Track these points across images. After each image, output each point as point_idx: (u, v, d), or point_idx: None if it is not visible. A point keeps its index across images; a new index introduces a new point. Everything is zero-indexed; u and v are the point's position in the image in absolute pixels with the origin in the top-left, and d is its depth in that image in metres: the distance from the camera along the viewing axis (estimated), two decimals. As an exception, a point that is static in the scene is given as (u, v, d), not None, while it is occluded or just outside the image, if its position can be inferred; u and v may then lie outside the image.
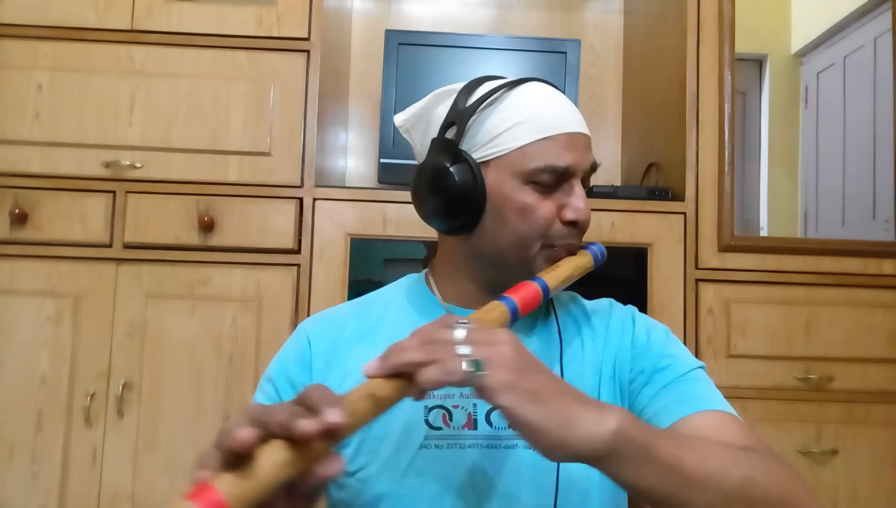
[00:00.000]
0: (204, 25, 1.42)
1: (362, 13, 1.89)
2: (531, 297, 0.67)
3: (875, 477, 1.39)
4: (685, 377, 0.71)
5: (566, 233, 0.73)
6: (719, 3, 1.47)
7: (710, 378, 0.73)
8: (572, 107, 0.76)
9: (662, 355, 0.73)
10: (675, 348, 0.76)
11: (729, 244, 1.42)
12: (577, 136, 0.73)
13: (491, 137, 0.73)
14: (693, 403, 0.68)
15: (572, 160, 0.72)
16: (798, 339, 1.41)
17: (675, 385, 0.70)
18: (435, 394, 0.73)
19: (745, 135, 1.74)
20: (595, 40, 1.91)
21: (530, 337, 0.77)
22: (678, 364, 0.72)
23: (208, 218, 1.37)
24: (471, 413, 0.72)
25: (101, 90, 1.41)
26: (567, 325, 0.79)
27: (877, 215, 1.62)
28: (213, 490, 0.42)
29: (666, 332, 0.78)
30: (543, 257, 0.73)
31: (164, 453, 1.35)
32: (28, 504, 1.33)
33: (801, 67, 1.81)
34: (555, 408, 0.50)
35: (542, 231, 0.72)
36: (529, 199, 0.72)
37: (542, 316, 0.79)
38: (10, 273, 1.37)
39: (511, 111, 0.73)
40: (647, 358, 0.74)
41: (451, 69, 1.62)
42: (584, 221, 0.73)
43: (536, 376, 0.52)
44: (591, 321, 0.79)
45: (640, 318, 0.79)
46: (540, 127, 0.72)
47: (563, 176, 0.72)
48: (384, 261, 1.42)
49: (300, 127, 1.42)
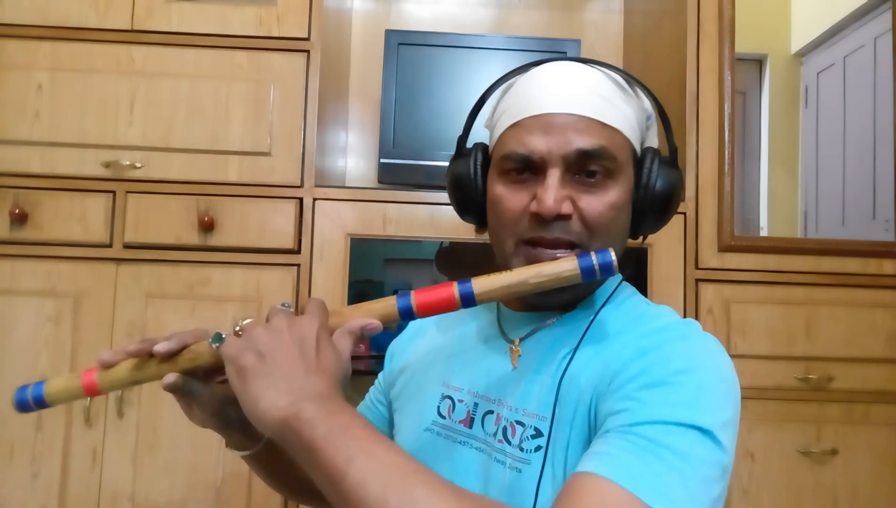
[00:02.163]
0: (204, 25, 1.42)
1: (362, 13, 1.89)
2: (437, 301, 0.62)
3: (875, 477, 1.39)
4: (630, 430, 0.54)
5: (536, 227, 0.66)
6: (719, 3, 1.47)
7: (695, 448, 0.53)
8: (567, 86, 0.67)
9: (628, 396, 0.57)
10: (655, 392, 0.56)
11: (729, 244, 1.42)
12: (553, 117, 0.65)
13: (493, 128, 0.74)
14: (600, 461, 0.52)
15: (536, 146, 0.65)
16: (798, 339, 1.41)
17: (611, 435, 0.55)
18: (449, 384, 0.76)
19: (745, 135, 1.74)
20: (595, 40, 1.91)
21: (562, 322, 0.71)
22: (635, 411, 0.55)
23: (208, 218, 1.37)
24: (469, 411, 0.73)
25: (101, 90, 1.41)
26: (603, 327, 0.69)
27: (877, 215, 1.62)
28: (94, 372, 0.64)
29: (672, 372, 0.57)
30: (521, 257, 0.67)
31: (164, 453, 1.35)
32: (28, 504, 1.33)
33: (801, 67, 1.81)
34: (250, 385, 0.54)
35: (511, 226, 0.67)
36: (499, 191, 0.68)
37: (589, 306, 0.72)
38: (10, 273, 1.37)
39: (506, 101, 0.71)
40: (613, 397, 0.59)
41: (451, 69, 1.62)
42: (545, 212, 0.64)
43: (256, 357, 0.55)
44: (622, 337, 0.66)
45: (655, 352, 0.60)
46: (513, 113, 0.68)
47: (533, 164, 0.66)
48: (384, 261, 1.42)
49: (300, 127, 1.42)
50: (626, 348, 0.63)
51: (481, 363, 0.75)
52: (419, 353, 0.84)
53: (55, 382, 0.66)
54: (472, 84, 1.61)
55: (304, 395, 0.53)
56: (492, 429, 0.69)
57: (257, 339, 0.56)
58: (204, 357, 0.64)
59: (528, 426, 0.66)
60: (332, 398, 0.54)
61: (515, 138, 0.67)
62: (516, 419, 0.67)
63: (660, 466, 0.51)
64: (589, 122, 0.66)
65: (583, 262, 0.61)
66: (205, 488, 1.35)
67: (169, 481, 1.35)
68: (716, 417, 0.55)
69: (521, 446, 0.65)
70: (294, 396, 0.53)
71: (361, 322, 0.61)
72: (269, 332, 0.57)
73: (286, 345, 0.56)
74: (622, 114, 0.68)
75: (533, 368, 0.70)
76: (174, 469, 1.35)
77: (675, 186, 0.70)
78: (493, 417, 0.70)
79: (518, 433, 0.66)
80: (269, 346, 0.56)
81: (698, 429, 0.54)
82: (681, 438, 0.53)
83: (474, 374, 0.75)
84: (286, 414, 0.51)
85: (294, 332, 0.57)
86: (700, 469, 0.52)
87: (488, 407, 0.71)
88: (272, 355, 0.55)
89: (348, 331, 0.60)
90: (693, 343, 0.62)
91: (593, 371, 0.64)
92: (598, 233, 0.66)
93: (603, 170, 0.66)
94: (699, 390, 0.57)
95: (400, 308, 0.62)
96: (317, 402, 0.52)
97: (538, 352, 0.71)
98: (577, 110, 0.66)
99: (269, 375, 0.54)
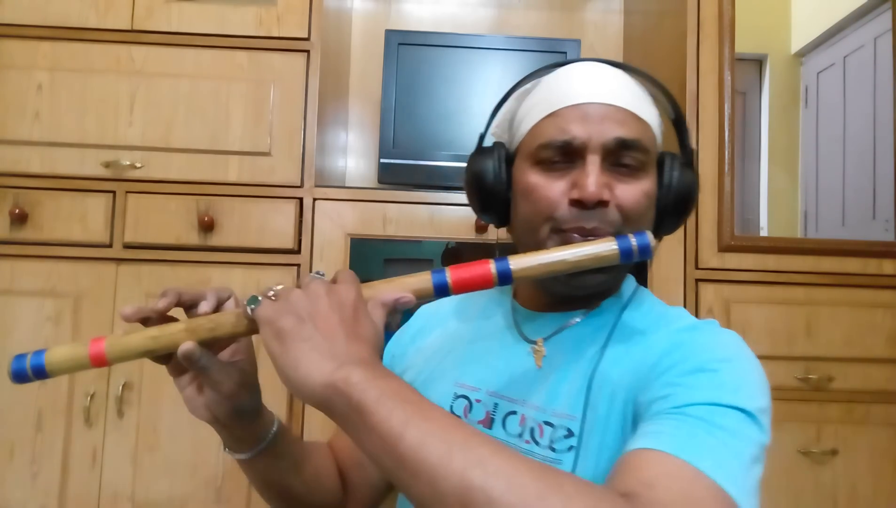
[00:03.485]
0: (204, 25, 1.42)
1: (362, 13, 1.89)
2: (472, 277, 0.60)
3: (875, 477, 1.39)
4: (679, 410, 0.55)
5: (575, 215, 0.66)
6: (719, 4, 1.46)
7: (743, 427, 0.54)
8: (601, 78, 0.69)
9: (671, 383, 0.59)
10: (700, 377, 0.58)
11: (729, 244, 1.42)
12: (591, 106, 0.67)
13: (517, 126, 0.74)
14: (653, 438, 0.52)
15: (576, 133, 0.66)
16: (798, 339, 1.41)
17: (660, 417, 0.55)
18: (464, 383, 0.75)
19: (745, 135, 1.74)
20: (595, 40, 1.91)
21: (587, 321, 0.72)
22: (682, 394, 0.56)
23: (208, 218, 1.37)
24: (489, 412, 0.72)
25: (101, 90, 1.41)
26: (629, 326, 0.70)
27: (877, 215, 1.62)
28: (102, 340, 0.59)
29: (714, 360, 0.60)
30: (554, 243, 0.67)
31: (164, 453, 1.35)
32: (28, 504, 1.33)
33: (801, 67, 1.81)
34: (290, 348, 0.52)
35: (547, 213, 0.68)
36: (534, 179, 0.69)
37: (612, 305, 0.73)
38: (10, 273, 1.37)
39: (535, 97, 0.72)
40: (655, 385, 0.60)
41: (451, 69, 1.62)
42: (587, 198, 0.64)
43: (297, 320, 0.53)
44: (649, 336, 0.68)
45: (691, 344, 0.63)
46: (549, 104, 0.69)
47: (571, 152, 0.67)
48: (384, 261, 1.42)
49: (300, 127, 1.42)
50: (659, 343, 0.65)
51: (500, 363, 0.75)
52: (424, 353, 0.84)
53: (58, 350, 0.60)
54: (472, 84, 1.61)
55: (349, 359, 0.50)
56: (516, 430, 0.69)
57: (296, 302, 0.54)
58: (225, 327, 0.60)
59: (558, 426, 0.66)
60: (376, 364, 0.52)
61: (553, 127, 0.67)
62: (545, 420, 0.67)
63: (714, 441, 0.52)
64: (626, 113, 0.68)
65: (621, 243, 0.61)
66: (205, 488, 1.35)
67: (169, 481, 1.35)
68: (757, 402, 0.57)
69: (553, 446, 0.65)
70: (338, 360, 0.50)
71: (395, 294, 0.59)
72: (309, 296, 0.54)
73: (326, 310, 0.53)
74: (649, 111, 0.71)
75: (560, 367, 0.70)
76: (174, 469, 1.35)
77: (695, 188, 0.73)
78: (517, 418, 0.69)
79: (547, 434, 0.66)
80: (310, 310, 0.53)
81: (742, 411, 0.55)
82: (729, 418, 0.54)
83: (492, 374, 0.74)
84: (333, 378, 0.49)
85: (332, 298, 0.54)
86: (749, 447, 0.54)
87: (510, 408, 0.70)
88: (313, 318, 0.53)
89: (381, 302, 0.58)
90: (726, 337, 0.65)
91: (626, 369, 0.65)
92: (632, 221, 0.67)
93: (636, 162, 0.68)
94: (740, 376, 0.59)
95: (435, 284, 0.59)
96: (362, 367, 0.50)
97: (564, 351, 0.71)
98: (615, 101, 0.67)
99: (309, 338, 0.52)
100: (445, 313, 0.88)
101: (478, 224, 1.39)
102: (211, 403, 0.64)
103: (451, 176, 1.54)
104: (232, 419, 0.66)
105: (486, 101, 1.59)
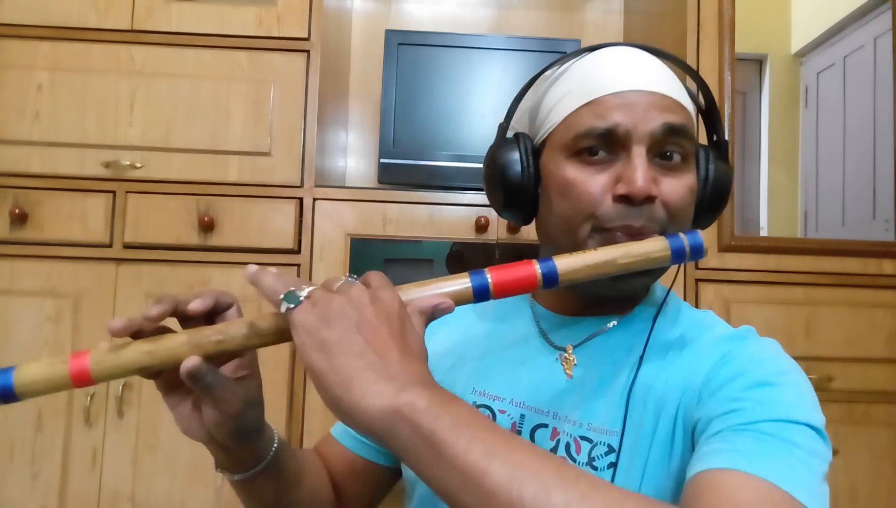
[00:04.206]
0: (204, 25, 1.42)
1: (362, 13, 1.89)
2: (515, 280, 0.54)
3: (875, 477, 1.39)
4: (750, 427, 0.51)
5: (621, 212, 0.60)
6: (719, 3, 1.46)
7: (815, 444, 0.52)
8: (640, 64, 0.63)
9: (734, 398, 0.55)
10: (764, 392, 0.54)
11: (729, 244, 1.42)
12: (633, 94, 0.61)
13: (545, 116, 0.67)
14: (731, 457, 0.48)
15: (619, 120, 0.60)
16: (798, 339, 1.41)
17: (730, 433, 0.52)
18: (484, 391, 0.69)
19: (745, 135, 1.74)
20: (595, 40, 1.90)
21: (621, 326, 0.67)
22: (750, 410, 0.53)
23: (208, 218, 1.37)
24: (515, 423, 0.66)
25: (101, 90, 1.41)
26: (664, 334, 0.66)
27: (877, 215, 1.62)
28: (86, 356, 0.50)
29: (773, 373, 0.57)
30: (596, 243, 0.61)
31: (164, 453, 1.35)
32: (28, 504, 1.33)
33: (801, 66, 1.81)
34: (340, 364, 0.45)
35: (588, 210, 0.61)
36: (572, 173, 0.62)
37: (645, 310, 0.68)
38: (10, 273, 1.37)
39: (564, 85, 0.65)
40: (714, 400, 0.56)
41: (451, 69, 1.62)
42: (636, 193, 0.58)
43: (344, 332, 0.46)
44: (687, 344, 0.64)
45: (745, 356, 0.59)
46: (585, 91, 0.62)
47: (614, 142, 0.61)
48: (384, 261, 1.42)
49: (300, 127, 1.42)
50: (706, 354, 0.61)
51: (524, 371, 0.69)
52: (434, 356, 0.75)
53: (31, 368, 0.50)
54: (472, 84, 1.61)
55: (409, 380, 0.44)
56: (547, 444, 0.64)
57: (341, 310, 0.46)
58: (235, 340, 0.51)
59: (598, 442, 0.61)
60: (437, 384, 0.46)
61: (594, 114, 0.61)
62: (581, 435, 0.62)
63: (792, 460, 0.49)
64: (671, 101, 0.62)
65: (673, 243, 0.57)
66: (205, 488, 1.35)
67: (169, 481, 1.35)
68: (820, 416, 0.55)
69: (593, 464, 0.61)
70: (398, 381, 0.44)
71: (434, 301, 0.52)
72: (353, 304, 0.47)
73: (374, 321, 0.46)
74: (689, 102, 0.66)
75: (594, 378, 0.65)
76: (174, 469, 1.35)
77: (729, 181, 0.68)
78: (548, 431, 0.65)
79: (585, 450, 0.62)
80: (357, 320, 0.46)
81: (811, 427, 0.53)
82: (801, 434, 0.52)
83: (516, 382, 0.69)
84: (396, 403, 0.43)
85: (378, 307, 0.47)
86: (821, 464, 0.52)
87: (540, 420, 0.66)
88: (362, 331, 0.46)
89: (418, 310, 0.51)
90: (773, 347, 0.62)
91: (671, 381, 0.61)
92: (677, 219, 0.62)
93: (681, 151, 0.62)
94: (801, 390, 0.56)
95: (475, 287, 0.53)
96: (427, 389, 0.44)
97: (597, 361, 0.66)
98: (659, 89, 0.62)
99: (361, 355, 0.45)
100: (454, 312, 0.82)
101: (478, 224, 1.39)
102: (210, 423, 0.56)
103: (452, 176, 1.54)
104: (232, 440, 0.58)
105: (486, 101, 1.59)
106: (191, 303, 0.53)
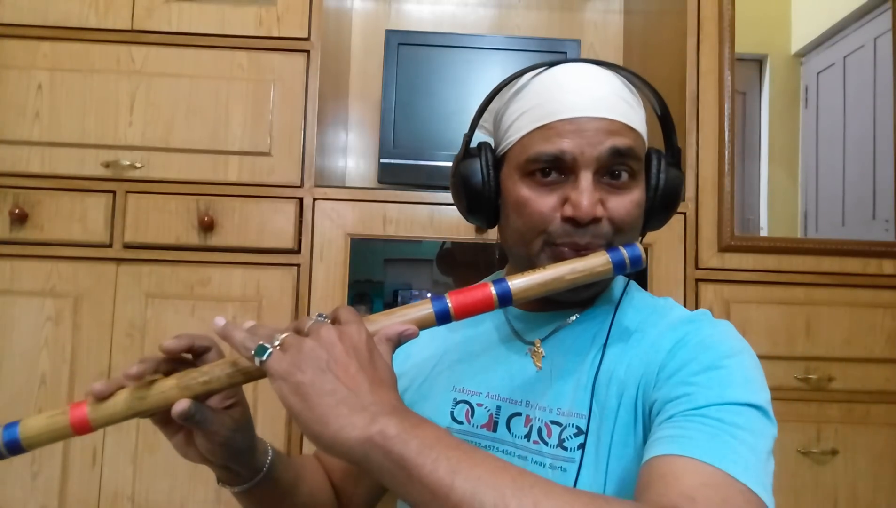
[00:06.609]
0: (204, 25, 1.42)
1: (362, 13, 1.89)
2: (474, 302, 0.60)
3: (875, 477, 1.39)
4: (696, 412, 0.57)
5: (568, 231, 0.66)
6: (719, 3, 1.47)
7: (757, 424, 0.58)
8: (593, 89, 0.67)
9: (685, 382, 0.60)
10: (711, 376, 0.60)
11: (729, 244, 1.42)
12: (583, 120, 0.66)
13: (505, 130, 0.72)
14: (679, 444, 0.54)
15: (567, 147, 0.65)
16: (798, 339, 1.41)
17: (681, 418, 0.57)
18: (463, 388, 0.75)
19: (745, 135, 1.74)
20: (595, 40, 1.91)
21: (583, 319, 0.73)
22: (699, 395, 0.58)
23: (208, 218, 1.37)
24: (492, 415, 0.72)
25: (101, 90, 1.41)
26: (625, 322, 0.71)
27: (877, 215, 1.62)
28: (83, 407, 0.56)
29: (721, 356, 0.62)
30: (547, 256, 0.68)
31: (164, 453, 1.35)
32: (28, 504, 1.33)
33: (801, 66, 1.81)
34: (315, 404, 0.49)
35: (540, 227, 0.67)
36: (525, 193, 0.68)
37: (605, 303, 0.74)
38: (10, 273, 1.37)
39: (523, 101, 0.70)
40: (668, 385, 0.62)
41: (451, 69, 1.62)
42: (581, 216, 0.65)
43: (315, 373, 0.50)
44: (646, 330, 0.70)
45: (696, 341, 0.65)
46: (539, 115, 0.68)
47: (563, 166, 0.66)
48: (384, 261, 1.42)
49: (300, 127, 1.42)
50: (662, 339, 0.66)
51: (498, 366, 0.75)
52: (414, 359, 0.83)
53: (34, 421, 0.55)
54: (472, 84, 1.61)
55: (380, 410, 0.49)
56: (521, 431, 0.69)
57: (311, 353, 0.51)
58: (220, 381, 0.56)
59: (567, 425, 0.67)
60: (405, 410, 0.51)
61: (544, 140, 0.66)
62: (551, 420, 0.68)
63: (736, 443, 0.55)
64: (619, 125, 0.67)
65: (614, 256, 0.64)
66: (205, 488, 1.35)
67: (169, 481, 1.35)
68: (764, 394, 0.60)
69: (563, 445, 0.66)
70: (369, 412, 0.49)
71: (399, 328, 0.57)
72: (322, 344, 0.52)
73: (343, 357, 0.51)
74: (638, 116, 0.70)
75: (561, 367, 0.71)
76: (174, 469, 1.35)
77: (680, 186, 0.73)
78: (521, 419, 0.70)
79: (556, 433, 0.67)
80: (327, 360, 0.51)
81: (755, 406, 0.58)
82: (745, 416, 0.57)
83: (492, 377, 0.75)
84: (368, 433, 0.48)
85: (346, 343, 0.52)
86: (765, 442, 0.57)
87: (514, 409, 0.71)
88: (332, 369, 0.50)
89: (385, 338, 0.56)
90: (723, 329, 0.67)
91: (632, 365, 0.66)
92: (624, 232, 0.68)
93: (629, 170, 0.68)
94: (747, 371, 0.61)
95: (436, 312, 0.59)
96: (395, 416, 0.49)
97: (563, 351, 0.72)
98: (608, 114, 0.67)
99: (333, 392, 0.49)
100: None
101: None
102: (204, 450, 0.63)
103: (451, 176, 1.54)
104: (226, 461, 0.65)
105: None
106: (164, 344, 0.59)
